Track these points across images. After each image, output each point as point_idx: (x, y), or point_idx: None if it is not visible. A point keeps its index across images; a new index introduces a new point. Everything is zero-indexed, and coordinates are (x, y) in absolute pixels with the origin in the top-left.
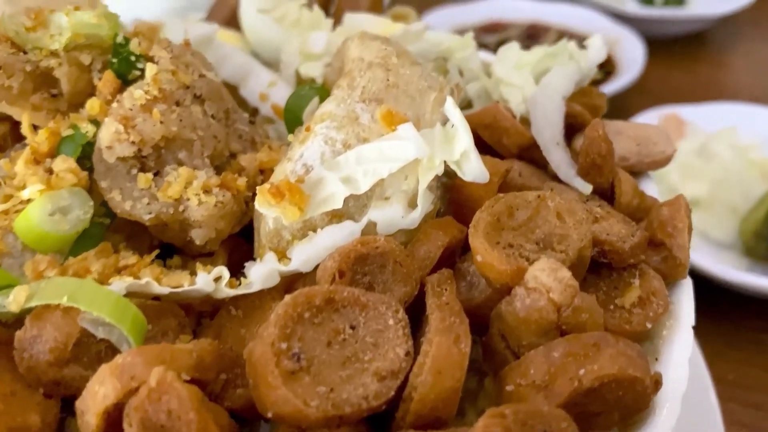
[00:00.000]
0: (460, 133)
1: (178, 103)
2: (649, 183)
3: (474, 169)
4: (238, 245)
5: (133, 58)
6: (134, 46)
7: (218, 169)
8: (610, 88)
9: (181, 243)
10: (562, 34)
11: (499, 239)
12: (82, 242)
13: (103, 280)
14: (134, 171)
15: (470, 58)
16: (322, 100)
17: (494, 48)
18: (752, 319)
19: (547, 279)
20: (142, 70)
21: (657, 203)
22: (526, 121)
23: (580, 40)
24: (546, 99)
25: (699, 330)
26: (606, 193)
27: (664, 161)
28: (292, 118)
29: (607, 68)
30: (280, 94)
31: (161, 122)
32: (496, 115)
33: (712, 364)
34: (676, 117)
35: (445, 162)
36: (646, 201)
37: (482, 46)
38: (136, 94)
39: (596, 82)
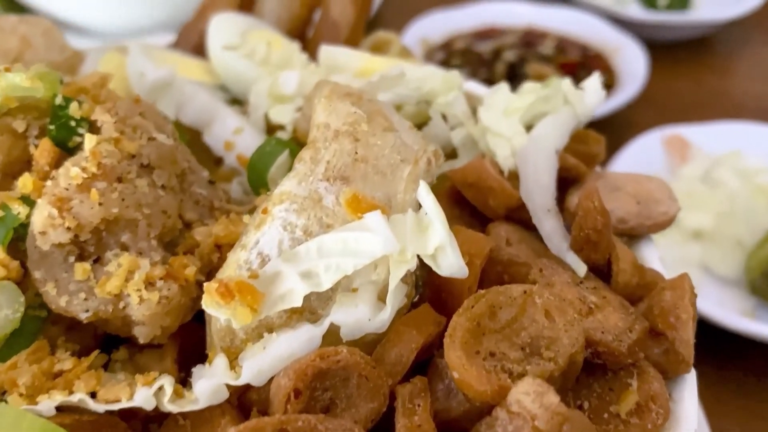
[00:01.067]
0: (435, 225)
1: (120, 179)
2: (650, 247)
3: (451, 264)
4: (192, 331)
5: (73, 123)
6: (74, 110)
7: (169, 246)
8: (611, 104)
9: (126, 335)
10: (560, 41)
11: (479, 348)
12: (13, 342)
13: (33, 393)
14: (71, 259)
15: (455, 101)
16: (292, 155)
17: (490, 57)
18: (761, 365)
19: (532, 405)
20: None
21: (659, 280)
22: (515, 176)
23: (580, 47)
24: (537, 156)
25: (701, 377)
26: (602, 269)
27: (666, 223)
28: (257, 177)
29: (606, 80)
30: (247, 142)
31: (100, 204)
32: (481, 173)
33: (715, 415)
34: (679, 138)
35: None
36: (647, 277)
37: (476, 54)
38: (72, 171)
39: None
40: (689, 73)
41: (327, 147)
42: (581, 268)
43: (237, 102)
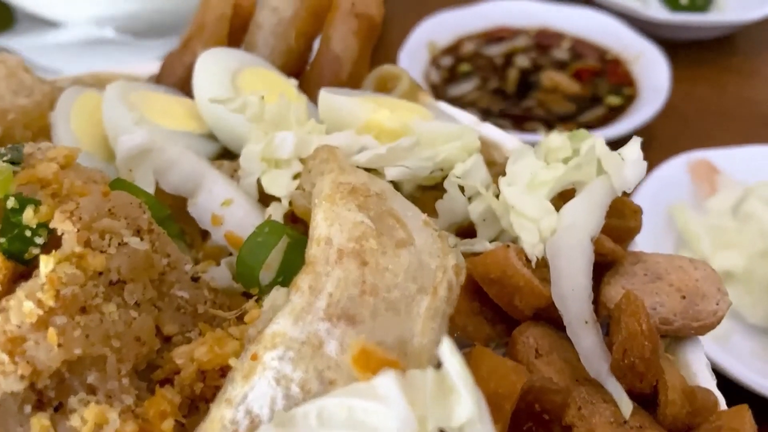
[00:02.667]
0: (462, 394)
1: (84, 309)
2: (697, 351)
3: None
4: None
5: (28, 233)
6: (29, 217)
7: (146, 372)
8: (633, 121)
9: None
10: (575, 43)
11: None
12: None
13: None
14: (27, 408)
15: (473, 169)
16: (291, 245)
17: (501, 62)
18: None
19: None
20: (44, 244)
21: (711, 406)
22: (544, 264)
23: (597, 51)
24: (571, 251)
25: None
26: (646, 396)
27: (714, 323)
28: (247, 274)
29: (627, 91)
30: (237, 216)
31: (60, 345)
32: (506, 269)
33: None
34: (707, 164)
35: None
36: (698, 401)
37: (486, 58)
38: (25, 306)
39: (616, 109)
40: (711, 77)
41: (329, 273)
42: (626, 407)
43: (228, 153)
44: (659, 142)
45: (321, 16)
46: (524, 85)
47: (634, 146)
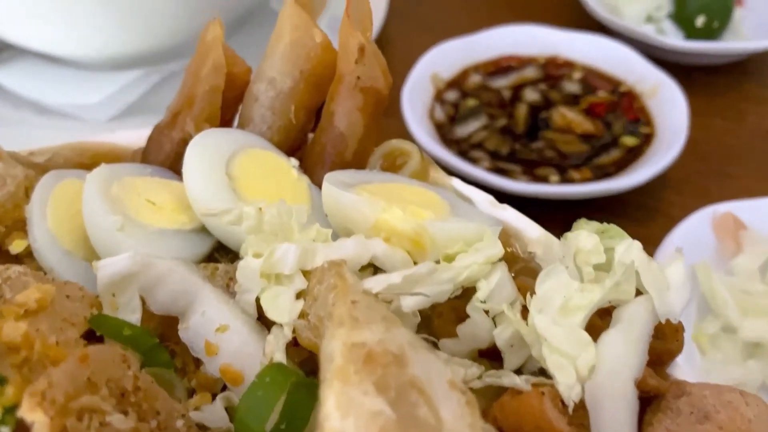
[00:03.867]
0: None
1: None
2: None
3: None
4: None
5: None
6: None
7: None
8: (652, 166)
9: None
10: (587, 73)
11: None
12: None
13: None
14: None
15: (498, 288)
16: (297, 385)
17: (509, 95)
18: None
19: None
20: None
21: None
22: (582, 406)
23: (609, 82)
24: (614, 402)
25: None
26: None
27: None
28: None
29: (643, 129)
30: (234, 345)
31: None
32: (540, 421)
33: None
34: (731, 218)
35: None
36: None
37: (493, 91)
38: None
39: (633, 150)
40: (728, 105)
41: None
42: None
43: (221, 246)
44: (675, 181)
45: (322, 87)
46: (534, 123)
47: (678, 267)
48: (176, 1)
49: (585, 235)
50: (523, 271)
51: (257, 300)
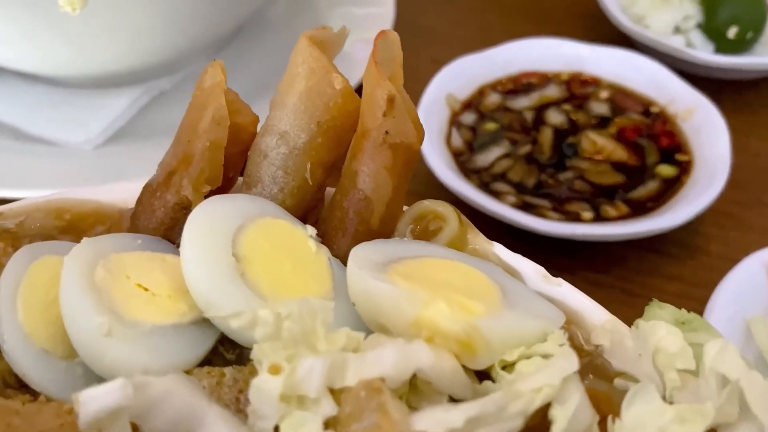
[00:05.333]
0: None
1: None
2: None
3: None
4: None
5: None
6: None
7: None
8: (695, 200)
9: None
10: (614, 92)
11: None
12: None
13: None
14: None
15: (577, 417)
16: None
17: (532, 118)
18: None
19: None
20: None
21: None
22: None
23: (638, 102)
24: None
25: None
26: None
27: None
28: None
29: (680, 157)
30: None
31: None
32: None
33: None
34: None
35: None
36: None
37: (514, 113)
38: None
39: (670, 181)
40: (763, 123)
41: None
42: None
43: (228, 340)
44: (713, 212)
45: (342, 140)
46: (560, 149)
47: None
48: (163, 16)
49: (664, 329)
50: (589, 368)
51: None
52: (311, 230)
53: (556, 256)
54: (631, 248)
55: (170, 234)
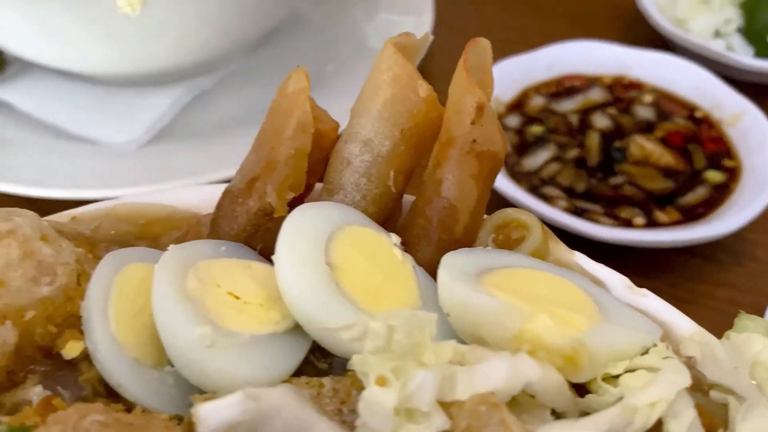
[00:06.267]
0: None
1: None
2: None
3: None
4: None
5: None
6: None
7: None
8: (747, 207)
9: None
10: (658, 97)
11: None
12: None
13: None
14: None
15: (686, 428)
16: None
17: (577, 121)
18: None
19: None
20: None
21: None
22: None
23: (684, 108)
24: None
25: None
26: None
27: None
28: None
29: (728, 163)
30: None
31: None
32: None
33: None
34: None
35: None
36: None
37: (559, 116)
38: None
39: (720, 187)
40: None
41: None
42: None
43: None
44: (762, 219)
45: (423, 148)
46: (608, 154)
47: None
48: (212, 16)
49: (761, 342)
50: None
51: None
52: (395, 238)
53: (604, 260)
54: (678, 253)
55: (251, 241)
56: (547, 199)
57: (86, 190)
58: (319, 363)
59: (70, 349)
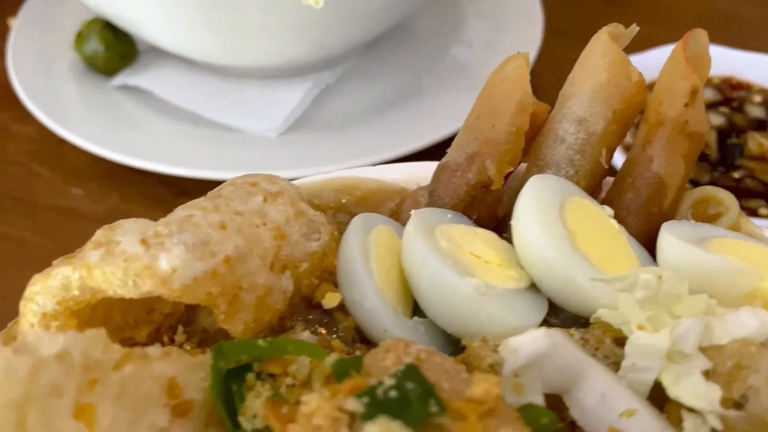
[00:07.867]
0: None
1: None
2: None
3: None
4: None
5: None
6: None
7: None
8: None
9: None
10: (767, 97)
11: None
12: None
13: None
14: None
15: None
16: None
17: None
18: None
19: None
20: None
21: None
22: None
23: None
24: None
25: None
26: None
27: None
28: None
29: None
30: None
31: None
32: None
33: None
34: None
35: None
36: None
37: None
38: None
39: None
40: None
41: None
42: None
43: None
44: None
45: (626, 128)
46: (725, 149)
47: None
48: (353, 12)
49: None
50: None
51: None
52: (610, 210)
53: None
54: None
55: (468, 210)
56: None
57: (228, 172)
58: (551, 319)
59: (330, 299)
